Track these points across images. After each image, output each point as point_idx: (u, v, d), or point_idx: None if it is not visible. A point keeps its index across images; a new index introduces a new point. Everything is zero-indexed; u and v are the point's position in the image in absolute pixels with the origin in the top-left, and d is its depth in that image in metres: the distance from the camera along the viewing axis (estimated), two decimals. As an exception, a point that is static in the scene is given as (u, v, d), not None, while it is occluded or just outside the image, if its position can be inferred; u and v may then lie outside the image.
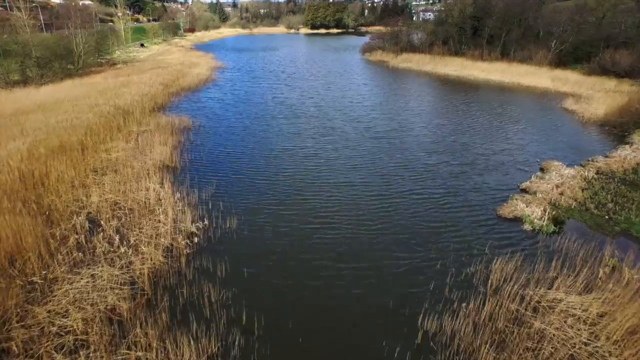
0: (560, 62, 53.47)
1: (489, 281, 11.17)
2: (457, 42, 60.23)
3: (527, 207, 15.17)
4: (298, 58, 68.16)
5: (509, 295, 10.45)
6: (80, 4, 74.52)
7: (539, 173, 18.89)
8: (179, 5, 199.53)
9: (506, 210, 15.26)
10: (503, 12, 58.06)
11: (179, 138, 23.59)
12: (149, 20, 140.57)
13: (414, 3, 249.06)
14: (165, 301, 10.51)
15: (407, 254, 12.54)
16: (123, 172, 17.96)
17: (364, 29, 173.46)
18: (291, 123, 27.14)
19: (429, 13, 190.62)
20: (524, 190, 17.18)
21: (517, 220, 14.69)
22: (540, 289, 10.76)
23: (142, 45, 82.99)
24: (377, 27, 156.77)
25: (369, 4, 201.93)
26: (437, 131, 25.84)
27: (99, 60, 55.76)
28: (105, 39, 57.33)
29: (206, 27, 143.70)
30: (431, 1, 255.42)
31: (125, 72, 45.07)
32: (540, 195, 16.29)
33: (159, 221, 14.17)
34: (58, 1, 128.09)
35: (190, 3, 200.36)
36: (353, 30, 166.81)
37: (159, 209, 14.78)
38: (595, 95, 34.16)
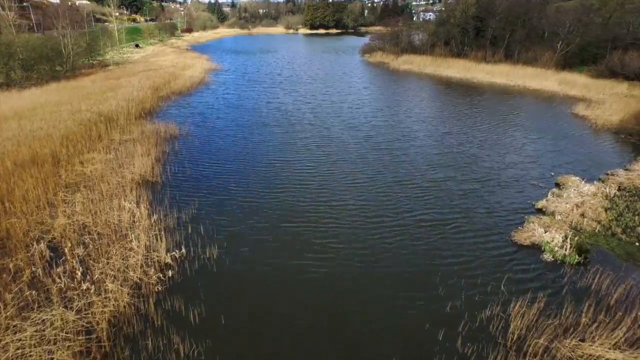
0: (566, 64, 51.82)
1: (509, 330, 9.48)
2: (460, 43, 58.55)
3: (545, 232, 13.48)
4: (296, 60, 66.46)
5: (534, 350, 8.78)
6: (75, 3, 72.57)
7: (555, 189, 17.19)
8: (178, 5, 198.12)
9: (522, 235, 13.58)
10: (507, 12, 56.42)
11: (164, 148, 21.88)
12: (146, 21, 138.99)
13: (414, 3, 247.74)
14: (125, 356, 8.83)
15: (411, 293, 10.85)
16: (97, 188, 16.27)
17: (363, 29, 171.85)
18: (285, 132, 25.41)
19: (430, 13, 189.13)
20: (540, 211, 15.48)
21: (536, 247, 13.01)
22: (571, 340, 9.07)
23: (136, 45, 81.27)
24: (377, 28, 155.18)
25: (369, 4, 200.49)
26: (442, 141, 24.12)
27: (90, 61, 54.16)
28: (96, 40, 55.56)
29: (204, 28, 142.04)
30: (431, 1, 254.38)
31: (115, 74, 43.37)
32: (559, 217, 14.60)
33: (130, 249, 12.49)
34: (55, 1, 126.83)
35: (189, 3, 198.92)
36: (353, 30, 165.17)
37: (131, 234, 13.10)
38: (606, 100, 32.48)
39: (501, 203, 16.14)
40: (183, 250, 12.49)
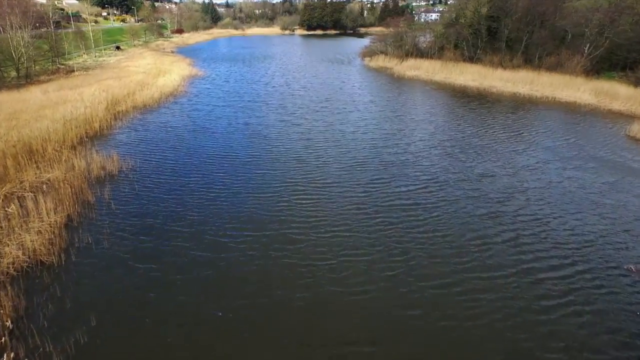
0: (594, 69, 45.82)
1: None
2: (472, 45, 52.29)
3: None
4: (288, 63, 59.89)
5: None
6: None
7: None
8: (173, 5, 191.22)
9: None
10: (525, 11, 50.19)
11: (87, 197, 15.54)
12: (137, 21, 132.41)
13: (414, 4, 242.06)
14: None
15: None
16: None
17: (363, 29, 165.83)
18: (262, 172, 18.86)
19: (431, 14, 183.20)
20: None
21: None
22: None
23: (117, 48, 74.78)
24: (378, 28, 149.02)
25: (368, 4, 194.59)
26: (484, 191, 17.58)
27: (56, 66, 47.64)
28: (60, 42, 48.90)
29: (196, 28, 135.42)
30: (431, 2, 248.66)
31: (75, 82, 36.94)
32: None
33: None
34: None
35: (181, 3, 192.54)
36: (352, 31, 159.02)
37: None
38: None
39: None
40: None
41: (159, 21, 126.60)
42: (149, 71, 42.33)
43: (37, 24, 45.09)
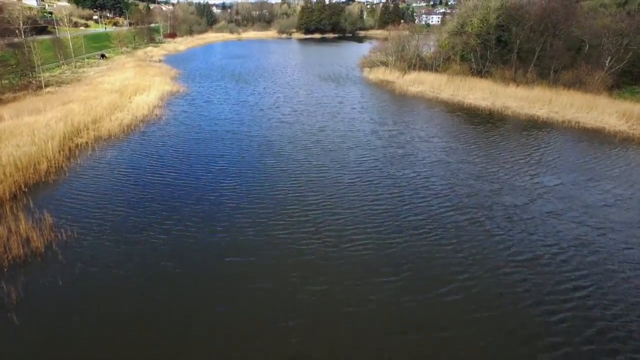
0: (615, 83, 41.80)
1: None
2: (480, 57, 48.18)
3: None
4: (281, 78, 55.55)
5: None
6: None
7: None
8: (170, 7, 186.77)
9: None
10: (538, 19, 46.07)
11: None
12: (130, 24, 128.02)
13: (414, 5, 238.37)
14: None
15: None
16: None
17: (362, 33, 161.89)
18: (233, 247, 14.85)
19: (432, 16, 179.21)
20: None
21: None
22: None
23: (102, 56, 70.58)
24: (379, 31, 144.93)
25: (368, 7, 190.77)
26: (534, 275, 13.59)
27: (30, 80, 43.28)
28: (35, 52, 44.51)
29: (190, 32, 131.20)
30: (432, 3, 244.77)
31: (39, 103, 32.68)
32: None
33: None
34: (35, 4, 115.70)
35: (176, 4, 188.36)
36: (351, 34, 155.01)
37: None
38: None
39: None
40: None
41: (152, 25, 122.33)
42: (124, 88, 38.11)
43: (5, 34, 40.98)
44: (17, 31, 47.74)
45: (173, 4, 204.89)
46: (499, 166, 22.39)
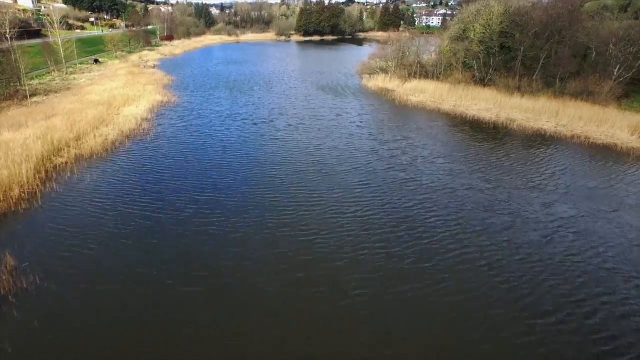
0: (623, 93, 40.25)
1: None
2: (483, 65, 46.61)
3: None
4: (278, 86, 53.84)
5: None
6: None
7: None
8: (170, 8, 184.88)
9: None
10: (543, 25, 44.43)
11: None
12: (127, 26, 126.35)
13: (414, 5, 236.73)
14: None
15: None
16: None
17: (362, 35, 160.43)
18: (215, 295, 13.32)
19: (432, 17, 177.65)
20: None
21: None
22: None
23: (96, 61, 68.98)
24: (379, 33, 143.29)
25: (368, 8, 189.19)
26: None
27: (17, 88, 41.58)
28: (23, 59, 42.64)
29: (188, 34, 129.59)
30: (432, 4, 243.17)
31: (21, 117, 31.07)
32: None
33: None
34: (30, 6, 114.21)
35: (174, 6, 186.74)
36: (350, 37, 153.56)
37: None
38: None
39: None
40: None
41: (149, 27, 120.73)
42: (113, 99, 36.51)
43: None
44: (5, 36, 46.02)
45: (172, 5, 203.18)
46: (509, 193, 20.77)
